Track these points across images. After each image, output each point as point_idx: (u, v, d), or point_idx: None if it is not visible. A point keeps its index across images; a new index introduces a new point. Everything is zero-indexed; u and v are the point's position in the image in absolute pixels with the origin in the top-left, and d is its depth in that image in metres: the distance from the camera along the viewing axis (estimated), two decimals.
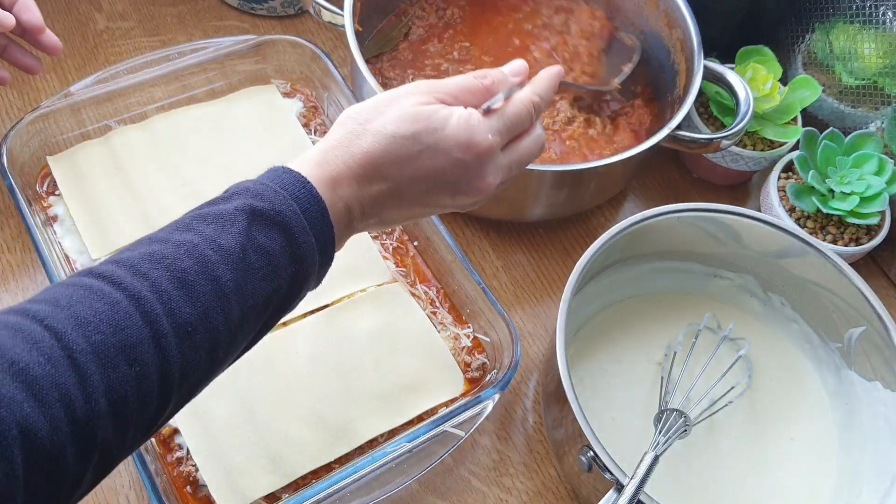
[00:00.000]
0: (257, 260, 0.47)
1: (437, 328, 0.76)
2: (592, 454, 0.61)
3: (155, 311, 0.43)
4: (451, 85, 0.57)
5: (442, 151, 0.54)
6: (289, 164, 0.53)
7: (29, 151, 0.78)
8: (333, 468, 0.68)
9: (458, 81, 0.57)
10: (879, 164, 0.83)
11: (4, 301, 0.75)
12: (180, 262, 0.45)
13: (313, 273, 0.51)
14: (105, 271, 0.44)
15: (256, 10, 0.96)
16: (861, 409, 0.73)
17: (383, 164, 0.53)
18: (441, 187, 0.56)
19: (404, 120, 0.53)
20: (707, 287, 0.81)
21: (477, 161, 0.55)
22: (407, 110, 0.54)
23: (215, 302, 0.45)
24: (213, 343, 0.46)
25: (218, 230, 0.47)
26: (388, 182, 0.54)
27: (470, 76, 0.57)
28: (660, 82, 0.92)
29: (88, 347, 0.41)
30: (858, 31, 0.86)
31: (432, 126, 0.54)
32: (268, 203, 0.49)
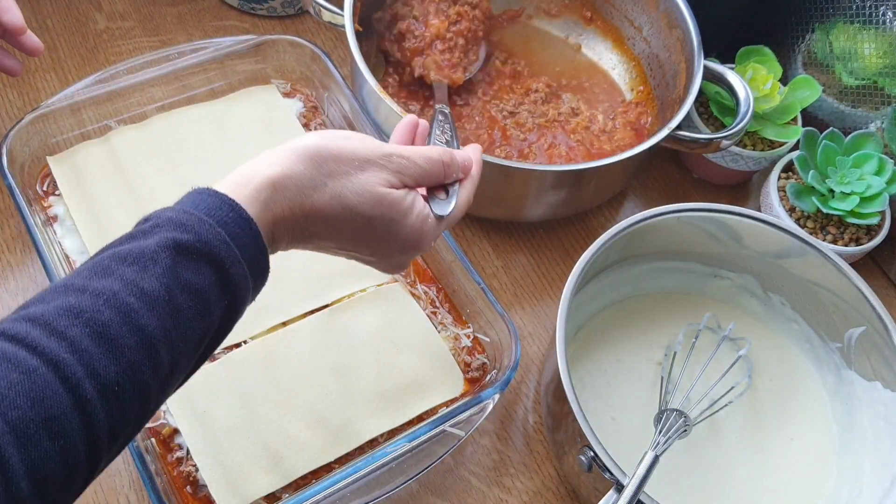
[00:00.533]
0: (185, 300, 0.44)
1: (437, 328, 0.76)
2: (592, 454, 0.61)
3: (76, 374, 0.39)
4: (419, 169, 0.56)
5: (389, 240, 0.55)
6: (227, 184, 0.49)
7: (29, 151, 0.78)
8: (333, 468, 0.68)
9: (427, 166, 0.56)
10: (879, 164, 0.83)
11: (4, 301, 0.75)
12: (100, 315, 0.41)
13: (248, 298, 0.49)
14: (19, 333, 0.40)
15: (256, 10, 0.96)
16: (861, 409, 0.73)
17: (328, 224, 0.52)
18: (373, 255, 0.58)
19: (367, 199, 0.52)
20: (707, 287, 0.81)
21: (407, 255, 0.58)
22: (374, 189, 0.53)
23: (142, 354, 0.42)
24: (144, 397, 0.43)
25: (139, 272, 0.43)
26: (324, 238, 0.54)
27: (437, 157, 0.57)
28: (660, 82, 0.92)
29: (5, 426, 0.37)
30: (858, 31, 0.86)
31: (390, 217, 0.54)
32: (192, 234, 0.45)
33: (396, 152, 0.55)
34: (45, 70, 0.89)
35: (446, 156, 0.58)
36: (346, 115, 0.85)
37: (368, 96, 0.81)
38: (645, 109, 0.93)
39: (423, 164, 0.56)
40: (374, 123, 0.81)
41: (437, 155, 0.57)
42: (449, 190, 0.60)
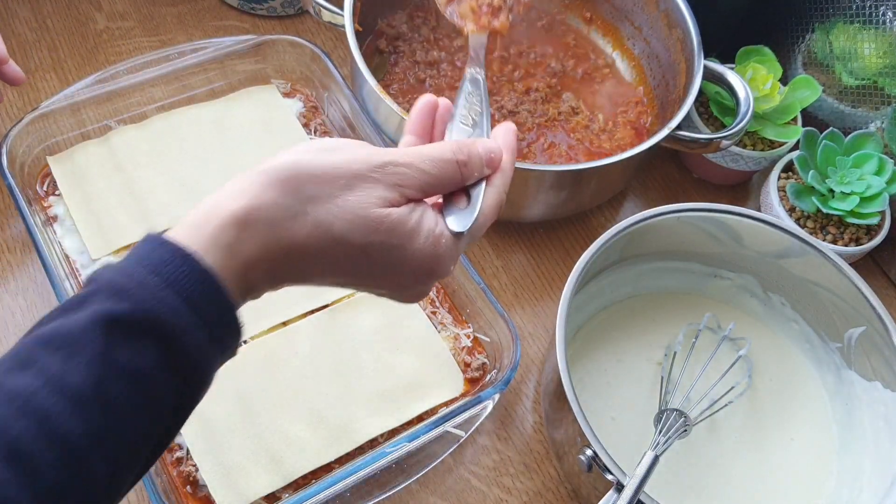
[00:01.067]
0: (122, 390, 0.36)
1: (437, 328, 0.76)
2: (592, 454, 0.61)
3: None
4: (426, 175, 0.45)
5: (395, 271, 0.45)
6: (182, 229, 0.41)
7: (29, 151, 0.78)
8: (333, 468, 0.68)
9: (436, 171, 0.46)
10: (879, 164, 0.83)
11: (4, 301, 0.75)
12: (11, 429, 0.34)
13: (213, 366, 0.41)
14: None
15: (256, 10, 0.96)
16: (861, 409, 0.73)
17: (314, 262, 0.43)
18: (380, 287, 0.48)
19: (359, 225, 0.43)
20: (707, 287, 0.81)
21: (425, 283, 0.48)
22: (367, 212, 0.43)
23: (67, 470, 0.34)
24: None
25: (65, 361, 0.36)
26: (313, 277, 0.44)
27: (450, 156, 0.46)
28: (660, 82, 0.92)
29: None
30: (858, 31, 0.86)
31: (391, 244, 0.44)
32: (131, 302, 0.37)
33: (393, 160, 0.45)
34: (45, 70, 0.89)
35: (462, 152, 0.47)
36: (346, 115, 0.85)
37: (368, 96, 0.81)
38: (645, 109, 0.93)
39: (430, 168, 0.46)
40: (374, 123, 0.81)
41: (449, 154, 0.47)
42: (471, 194, 0.48)
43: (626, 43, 0.96)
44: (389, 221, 0.44)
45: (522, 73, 0.93)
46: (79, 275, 0.75)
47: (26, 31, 0.91)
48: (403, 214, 0.44)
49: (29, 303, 0.76)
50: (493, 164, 0.49)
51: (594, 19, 0.98)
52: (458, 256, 0.49)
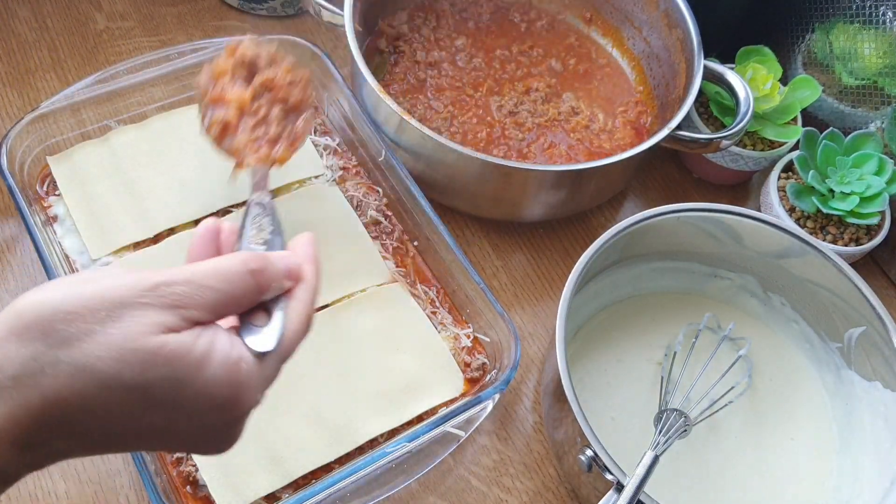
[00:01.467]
0: None
1: (437, 328, 0.76)
2: (592, 454, 0.61)
3: None
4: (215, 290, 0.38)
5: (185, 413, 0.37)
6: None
7: (29, 151, 0.78)
8: (333, 468, 0.68)
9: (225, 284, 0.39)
10: (879, 164, 0.83)
11: (4, 301, 0.75)
12: None
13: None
14: None
15: (256, 10, 0.96)
16: (861, 409, 0.73)
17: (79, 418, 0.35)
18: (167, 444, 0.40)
19: (130, 361, 0.35)
20: (707, 287, 0.81)
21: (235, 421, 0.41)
22: (136, 344, 0.35)
23: None
24: None
25: None
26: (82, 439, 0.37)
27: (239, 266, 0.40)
28: (660, 82, 0.92)
29: None
30: (858, 31, 0.86)
31: (176, 378, 0.36)
32: None
33: (167, 279, 0.37)
34: (45, 70, 0.89)
35: (255, 261, 0.40)
36: (346, 115, 0.85)
37: (368, 96, 0.81)
38: (645, 109, 0.93)
39: (216, 283, 0.38)
40: (374, 123, 0.81)
41: (239, 264, 0.40)
42: (271, 309, 0.42)
43: (626, 43, 0.96)
44: (167, 351, 0.36)
45: (523, 72, 0.93)
46: None
47: (26, 31, 0.91)
48: (186, 341, 0.37)
49: None
50: (294, 276, 0.43)
51: (594, 19, 0.98)
52: (267, 383, 0.41)
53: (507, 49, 0.95)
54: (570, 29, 0.98)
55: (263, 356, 0.40)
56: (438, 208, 0.79)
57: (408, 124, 0.77)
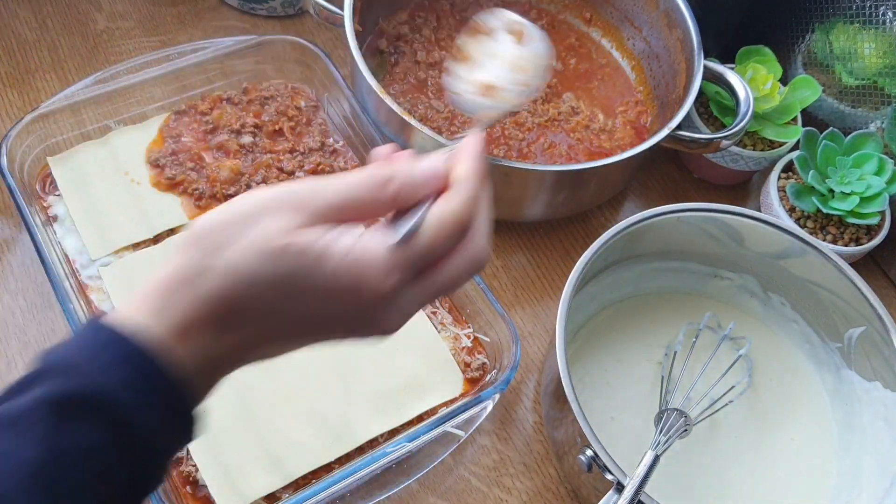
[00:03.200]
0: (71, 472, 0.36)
1: (437, 328, 0.76)
2: (592, 454, 0.61)
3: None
4: (338, 194, 0.42)
5: (324, 298, 0.41)
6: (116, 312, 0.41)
7: (29, 151, 0.78)
8: (333, 468, 0.68)
9: (350, 190, 0.42)
10: (879, 164, 0.83)
11: (4, 301, 0.75)
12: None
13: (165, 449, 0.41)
14: None
15: (256, 10, 0.96)
16: (861, 409, 0.73)
17: (244, 309, 0.41)
18: (328, 329, 0.44)
19: (263, 257, 0.40)
20: (707, 287, 0.81)
21: (371, 307, 0.42)
22: (269, 243, 0.40)
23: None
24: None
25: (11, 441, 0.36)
26: (255, 326, 0.42)
27: (369, 179, 0.43)
28: (660, 82, 0.92)
29: None
30: (858, 31, 0.86)
31: (304, 270, 0.40)
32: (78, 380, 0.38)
33: (294, 187, 0.42)
34: (45, 70, 0.89)
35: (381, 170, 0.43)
36: (345, 115, 0.85)
37: (368, 96, 0.81)
38: (645, 109, 0.93)
39: (336, 194, 0.42)
40: (374, 123, 0.81)
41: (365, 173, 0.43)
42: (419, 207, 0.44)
43: (626, 43, 0.96)
44: (292, 248, 0.40)
45: None
46: (79, 275, 0.75)
47: (26, 31, 0.91)
48: (308, 239, 0.41)
49: (29, 303, 0.76)
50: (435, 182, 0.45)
51: (594, 19, 0.98)
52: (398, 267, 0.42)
53: None
54: (570, 29, 0.98)
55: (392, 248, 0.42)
56: None
57: (408, 124, 0.77)
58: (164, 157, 0.81)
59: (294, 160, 0.82)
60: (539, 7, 0.99)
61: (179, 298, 0.40)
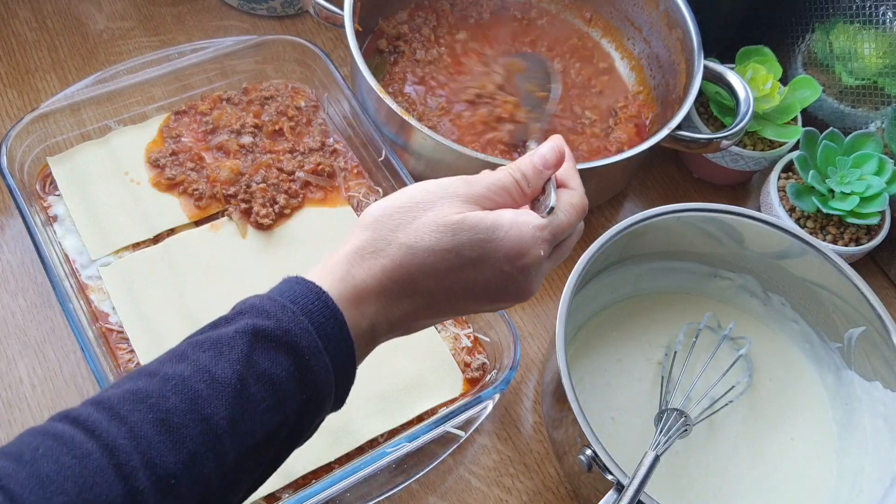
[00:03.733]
0: (259, 390, 0.42)
1: (437, 328, 0.76)
2: (592, 454, 0.61)
3: (131, 462, 0.38)
4: (488, 186, 0.52)
5: (488, 265, 0.50)
6: (306, 273, 0.48)
7: (29, 151, 0.78)
8: (333, 468, 0.68)
9: (495, 184, 0.52)
10: (879, 164, 0.83)
11: (4, 301, 0.75)
12: (165, 401, 0.40)
13: (329, 397, 0.46)
14: (81, 415, 0.39)
15: (256, 10, 0.96)
16: (861, 409, 0.73)
17: (418, 278, 0.48)
18: (482, 297, 0.51)
19: (444, 231, 0.48)
20: (707, 287, 0.81)
21: (523, 273, 0.51)
22: (446, 219, 0.49)
23: (205, 445, 0.40)
24: (203, 493, 0.40)
25: (214, 358, 0.42)
26: (423, 296, 0.49)
27: (505, 173, 0.53)
28: (660, 82, 0.92)
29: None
30: (858, 31, 0.86)
31: (478, 238, 0.49)
32: (274, 321, 0.44)
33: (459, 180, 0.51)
34: (45, 70, 0.89)
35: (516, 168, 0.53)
36: (345, 115, 0.85)
37: (368, 96, 0.81)
38: (645, 109, 0.93)
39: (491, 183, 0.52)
40: (375, 123, 0.81)
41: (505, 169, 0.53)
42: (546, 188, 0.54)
43: (626, 43, 0.96)
44: (470, 220, 0.49)
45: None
46: (79, 275, 0.75)
47: (26, 31, 0.91)
48: (479, 214, 0.49)
49: (29, 303, 0.76)
50: (548, 164, 0.54)
51: (594, 19, 0.98)
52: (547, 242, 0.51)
53: (510, 48, 0.94)
54: (570, 29, 0.98)
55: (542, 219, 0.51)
56: None
57: (408, 124, 0.77)
58: (164, 157, 0.81)
59: (294, 160, 0.82)
60: (539, 6, 0.99)
61: (362, 269, 0.47)
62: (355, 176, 0.84)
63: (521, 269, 0.50)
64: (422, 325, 0.52)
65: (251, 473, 0.43)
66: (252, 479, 0.44)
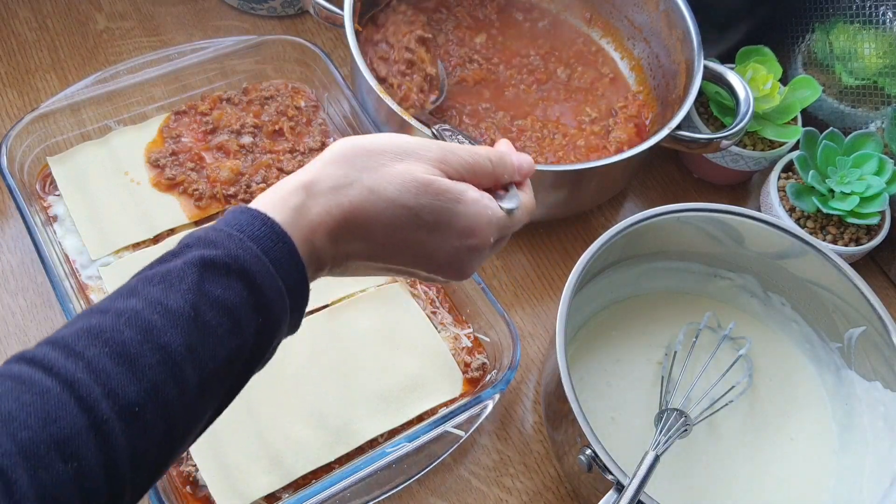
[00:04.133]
0: (213, 317, 0.42)
1: (437, 328, 0.76)
2: (592, 454, 0.61)
3: (92, 395, 0.38)
4: (464, 160, 0.52)
5: (440, 234, 0.50)
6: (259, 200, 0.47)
7: (29, 151, 0.78)
8: (333, 468, 0.68)
9: (470, 159, 0.52)
10: (879, 164, 0.83)
11: (4, 301, 0.75)
12: (120, 334, 0.40)
13: (284, 319, 0.46)
14: (36, 355, 0.39)
15: (256, 10, 0.96)
16: (861, 409, 0.73)
17: (371, 225, 0.48)
18: (423, 263, 0.52)
19: (409, 188, 0.48)
20: (707, 287, 0.81)
21: (469, 253, 0.52)
22: (415, 176, 0.49)
23: (165, 373, 0.40)
24: (169, 419, 0.40)
25: (165, 290, 0.42)
26: (370, 243, 0.49)
27: (483, 156, 0.53)
28: (660, 82, 0.92)
29: (13, 448, 0.35)
30: (858, 31, 0.86)
31: (439, 204, 0.49)
32: (221, 249, 0.43)
33: (437, 144, 0.51)
34: (45, 70, 0.89)
35: (493, 154, 0.54)
36: (345, 115, 0.85)
37: (368, 96, 0.81)
38: (645, 109, 0.93)
39: (468, 157, 0.52)
40: (375, 123, 0.81)
41: (483, 151, 0.53)
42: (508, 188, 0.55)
43: (626, 43, 0.96)
44: (437, 185, 0.49)
45: (527, 75, 0.93)
46: (79, 275, 0.75)
47: (26, 31, 0.91)
48: (448, 182, 0.50)
49: (29, 303, 0.76)
50: (523, 172, 0.56)
51: (594, 19, 0.98)
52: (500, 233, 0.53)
53: (514, 51, 0.95)
54: (571, 29, 0.98)
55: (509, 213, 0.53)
56: None
57: (408, 124, 0.77)
58: (164, 157, 0.81)
59: (294, 160, 0.82)
60: (540, 7, 0.99)
61: (319, 202, 0.47)
62: None
63: (469, 248, 0.51)
64: (364, 270, 0.52)
65: (214, 399, 0.44)
66: (215, 404, 0.44)
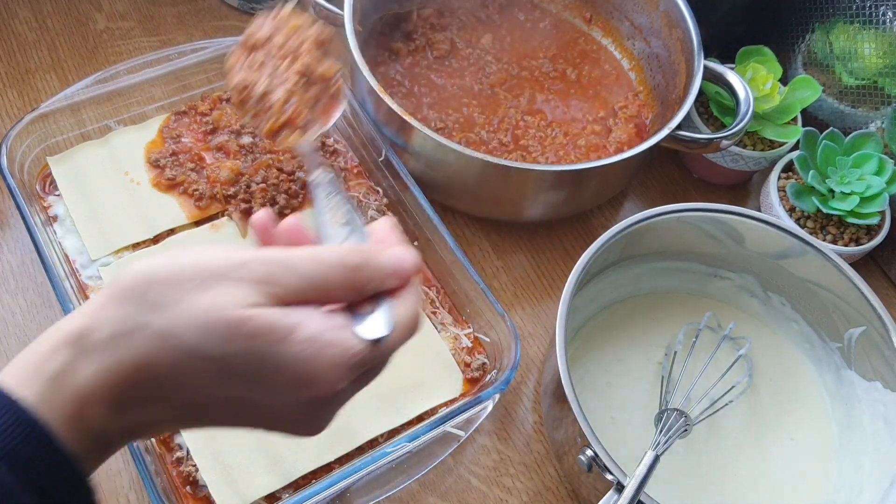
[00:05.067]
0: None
1: (437, 328, 0.76)
2: (592, 454, 0.61)
3: None
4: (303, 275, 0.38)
5: (264, 387, 0.37)
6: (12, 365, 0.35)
7: (29, 151, 0.78)
8: (333, 468, 0.68)
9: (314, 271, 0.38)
10: (879, 164, 0.83)
11: (4, 301, 0.75)
12: None
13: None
14: None
15: (256, 10, 0.96)
16: (861, 409, 0.73)
17: (166, 383, 0.36)
18: (252, 421, 0.40)
19: (213, 331, 0.36)
20: (707, 287, 0.81)
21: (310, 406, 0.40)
22: (222, 314, 0.36)
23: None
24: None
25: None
26: (169, 407, 0.37)
27: (337, 263, 0.39)
28: (660, 82, 0.92)
29: None
30: (858, 31, 0.86)
31: (258, 351, 0.36)
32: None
33: (259, 257, 0.37)
34: (45, 70, 0.89)
35: (352, 257, 0.39)
36: (345, 115, 0.85)
37: (368, 96, 0.81)
38: (645, 109, 0.93)
39: (308, 269, 0.38)
40: (374, 123, 0.81)
41: (335, 258, 0.39)
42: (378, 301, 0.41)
43: (626, 43, 0.96)
44: (253, 324, 0.36)
45: (528, 74, 0.93)
46: (79, 275, 0.75)
47: (26, 31, 0.91)
48: (271, 317, 0.36)
49: (29, 303, 0.76)
50: (401, 275, 0.41)
51: (594, 19, 0.98)
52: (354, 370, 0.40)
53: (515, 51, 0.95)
54: (572, 29, 0.98)
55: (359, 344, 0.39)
56: (439, 208, 0.79)
57: (408, 124, 0.77)
58: (164, 157, 0.81)
59: (294, 160, 0.82)
60: (541, 7, 0.99)
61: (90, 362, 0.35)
62: (355, 176, 0.84)
63: (310, 400, 0.39)
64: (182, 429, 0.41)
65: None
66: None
